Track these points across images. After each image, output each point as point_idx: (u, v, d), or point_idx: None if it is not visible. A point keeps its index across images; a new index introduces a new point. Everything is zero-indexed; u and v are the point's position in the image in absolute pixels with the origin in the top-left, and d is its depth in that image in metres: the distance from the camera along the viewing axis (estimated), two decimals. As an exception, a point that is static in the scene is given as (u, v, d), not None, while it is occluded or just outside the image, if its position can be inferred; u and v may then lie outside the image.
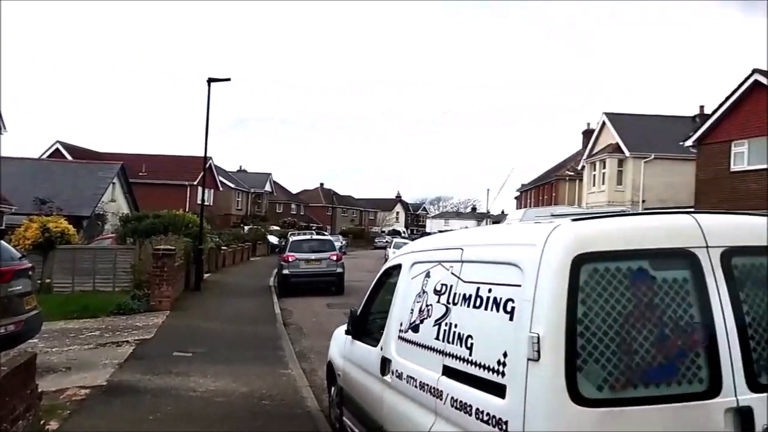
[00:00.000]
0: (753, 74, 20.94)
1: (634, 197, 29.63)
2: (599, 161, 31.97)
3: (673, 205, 25.65)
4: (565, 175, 42.37)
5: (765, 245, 2.81)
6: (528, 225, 3.21)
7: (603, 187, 31.26)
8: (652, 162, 29.51)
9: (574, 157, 43.08)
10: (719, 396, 2.52)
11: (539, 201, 47.16)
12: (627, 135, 30.55)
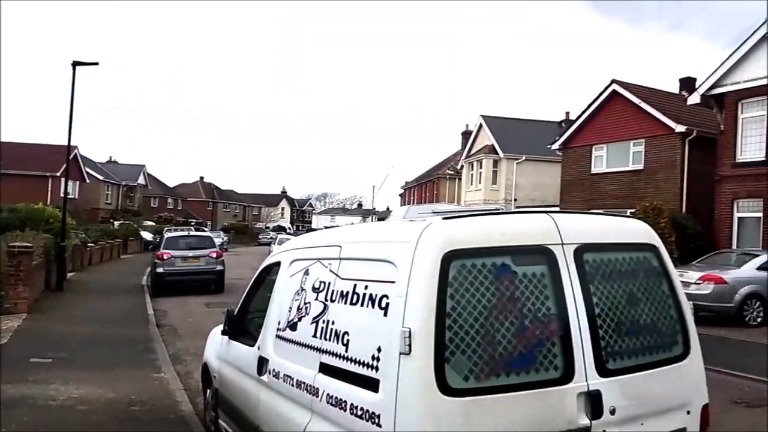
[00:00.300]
0: (612, 84, 23.03)
1: (507, 196, 31.49)
2: (476, 161, 33.62)
3: (542, 204, 27.60)
4: (445, 173, 44.11)
5: (611, 242, 3.11)
6: (402, 223, 3.30)
7: (480, 186, 32.91)
8: (523, 163, 31.53)
9: (454, 156, 44.98)
10: (572, 381, 2.74)
11: (422, 198, 48.68)
12: (501, 137, 32.39)
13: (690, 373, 3.17)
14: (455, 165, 41.64)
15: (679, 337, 3.17)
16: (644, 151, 21.77)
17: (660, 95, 23.06)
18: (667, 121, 20.58)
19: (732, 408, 6.86)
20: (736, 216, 18.14)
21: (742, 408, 6.89)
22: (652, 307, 3.10)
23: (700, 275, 12.78)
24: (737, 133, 18.05)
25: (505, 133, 32.68)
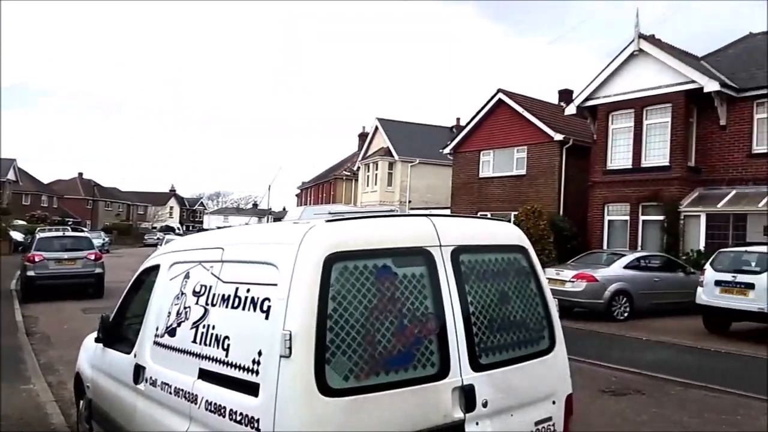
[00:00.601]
0: (498, 93, 24.23)
1: (402, 198, 32.18)
2: (372, 163, 34.08)
3: (435, 205, 28.45)
4: (342, 174, 44.26)
5: (485, 244, 3.29)
6: (286, 225, 3.30)
7: (376, 187, 33.37)
8: (417, 166, 32.38)
9: (351, 158, 45.26)
10: (448, 377, 2.87)
11: (319, 198, 48.51)
12: (396, 140, 33.08)
13: (555, 365, 3.43)
14: (352, 166, 41.93)
15: (546, 332, 3.42)
16: (527, 158, 23.13)
17: (541, 105, 24.60)
18: (547, 129, 22.00)
19: (600, 397, 7.46)
20: (607, 219, 19.76)
21: (609, 396, 7.49)
22: (521, 305, 3.32)
23: (574, 273, 13.76)
24: (608, 143, 19.68)
25: (400, 137, 33.42)
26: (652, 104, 18.47)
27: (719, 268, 11.77)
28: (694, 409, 6.97)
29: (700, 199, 17.62)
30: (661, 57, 18.23)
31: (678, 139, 17.77)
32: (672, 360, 9.57)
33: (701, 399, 7.41)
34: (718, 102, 17.41)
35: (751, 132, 17.19)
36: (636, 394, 7.60)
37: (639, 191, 18.57)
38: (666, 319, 13.59)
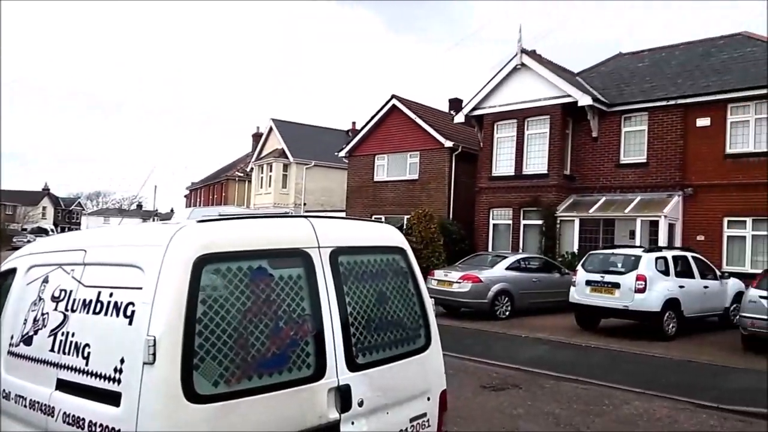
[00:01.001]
0: (392, 99, 24.69)
1: (297, 200, 31.86)
2: (266, 164, 33.45)
3: (330, 208, 28.44)
4: (235, 175, 43.03)
5: (364, 245, 3.34)
6: (154, 226, 3.15)
7: (270, 189, 32.78)
8: (312, 168, 32.22)
9: (244, 158, 44.14)
10: (324, 378, 2.87)
11: (210, 200, 46.83)
12: (291, 142, 32.72)
13: (431, 363, 3.54)
14: (245, 167, 40.90)
15: (422, 330, 3.52)
16: (419, 163, 23.77)
17: (433, 112, 25.40)
18: (438, 136, 22.74)
19: (481, 393, 7.79)
20: (492, 223, 20.74)
21: (490, 392, 7.85)
22: (399, 305, 3.39)
23: (460, 275, 14.30)
24: (493, 151, 20.68)
25: (296, 138, 33.10)
26: (533, 115, 19.67)
27: (589, 269, 12.73)
28: (565, 400, 7.47)
29: (575, 205, 18.98)
30: (541, 71, 19.46)
31: (555, 149, 19.04)
32: (547, 355, 10.21)
33: (572, 391, 7.96)
34: (591, 115, 18.87)
35: (620, 144, 18.78)
36: (514, 388, 8.02)
37: (521, 197, 19.67)
38: (543, 316, 14.48)
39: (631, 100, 18.67)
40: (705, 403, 7.36)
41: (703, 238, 16.72)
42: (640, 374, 8.85)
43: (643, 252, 12.34)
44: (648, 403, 7.41)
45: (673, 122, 17.59)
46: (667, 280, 11.99)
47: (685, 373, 9.04)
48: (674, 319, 11.89)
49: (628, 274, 11.93)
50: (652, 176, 17.94)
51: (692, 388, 8.02)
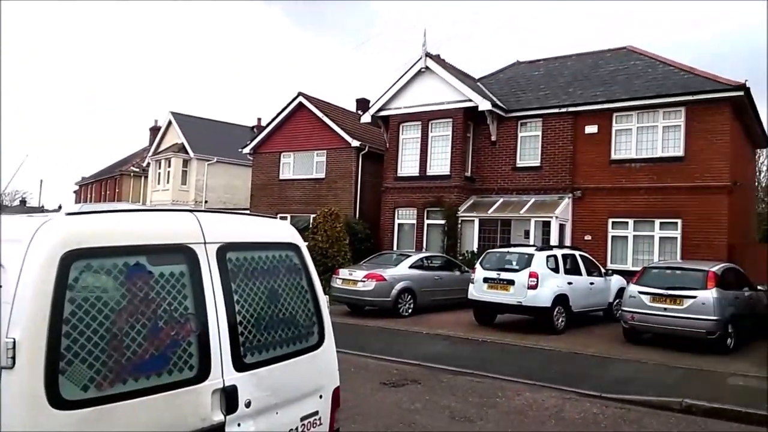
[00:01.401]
0: (298, 96, 24.40)
1: (197, 197, 30.68)
2: (165, 159, 31.97)
3: (233, 206, 27.64)
4: (130, 170, 40.78)
5: (255, 242, 3.24)
6: (18, 219, 2.88)
7: (168, 185, 31.36)
8: (214, 165, 31.17)
9: (141, 153, 41.95)
10: (208, 379, 2.75)
11: (102, 196, 44.10)
12: (192, 136, 31.47)
13: (324, 360, 3.50)
14: (141, 162, 38.87)
15: (315, 328, 3.48)
16: (326, 162, 23.66)
17: (340, 111, 25.38)
18: (344, 135, 22.76)
19: (380, 389, 7.85)
20: (397, 222, 21.04)
21: (389, 388, 7.93)
22: (291, 302, 3.33)
23: (365, 274, 14.38)
24: (399, 151, 20.99)
25: (197, 133, 31.86)
26: (437, 118, 20.17)
27: (487, 266, 13.22)
28: (461, 394, 7.69)
29: (475, 205, 19.66)
30: (444, 76, 19.99)
31: (457, 151, 19.63)
32: (447, 351, 10.48)
33: (468, 384, 8.22)
34: (490, 120, 19.63)
35: (516, 148, 19.67)
36: (413, 384, 8.16)
37: (425, 197, 20.10)
38: (444, 313, 14.87)
39: (527, 106, 19.61)
40: (589, 392, 7.84)
41: (590, 237, 17.87)
42: (531, 366, 9.30)
43: (536, 251, 12.99)
44: (538, 393, 7.79)
45: (565, 129, 18.67)
46: (557, 277, 12.69)
47: (572, 364, 9.60)
48: (563, 313, 12.60)
49: (521, 272, 12.50)
50: (545, 179, 18.93)
51: (578, 379, 8.53)
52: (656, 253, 16.87)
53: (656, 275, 11.50)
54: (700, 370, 9.16)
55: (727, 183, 16.18)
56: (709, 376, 8.79)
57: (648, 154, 17.34)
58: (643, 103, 17.39)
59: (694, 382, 8.37)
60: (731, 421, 6.81)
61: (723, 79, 16.66)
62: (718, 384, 8.33)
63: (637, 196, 17.27)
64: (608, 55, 21.07)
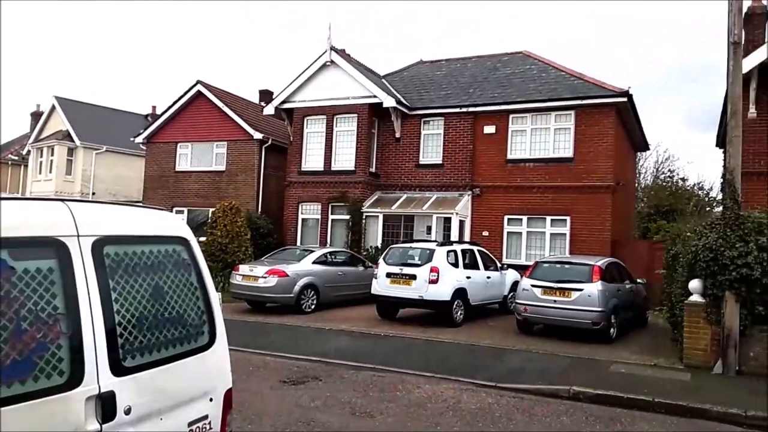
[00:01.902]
0: (197, 84, 23.38)
1: (84, 189, 28.64)
2: (47, 147, 29.54)
3: (124, 199, 26.03)
4: (7, 158, 37.27)
5: (138, 235, 2.98)
6: None
7: (51, 175, 29.04)
8: (103, 154, 29.21)
9: (21, 139, 38.48)
10: (81, 386, 2.49)
11: (-27, 187, 40.00)
12: (79, 123, 29.28)
13: (215, 361, 3.30)
14: (21, 149, 35.65)
15: (206, 327, 3.27)
16: (226, 154, 22.87)
17: (242, 102, 24.62)
18: (246, 127, 22.10)
19: (280, 387, 7.66)
20: (301, 217, 20.75)
21: (289, 386, 7.75)
22: (179, 300, 3.10)
23: (267, 269, 14.03)
24: (303, 145, 20.69)
25: (84, 120, 29.66)
26: (342, 113, 20.08)
27: (390, 262, 13.32)
28: (362, 389, 7.67)
29: (379, 201, 19.79)
30: (349, 70, 19.93)
31: (362, 146, 19.65)
32: (349, 346, 10.44)
33: (369, 379, 8.21)
34: (395, 117, 19.82)
35: (419, 145, 20.01)
36: (314, 381, 8.03)
37: (329, 192, 19.97)
38: (348, 308, 14.84)
39: (430, 105, 19.99)
40: (485, 382, 8.09)
41: (488, 233, 18.54)
42: (431, 359, 9.46)
43: (437, 246, 13.26)
44: (436, 386, 7.93)
45: (465, 128, 19.22)
46: (456, 271, 13.02)
47: (469, 356, 9.87)
48: (462, 307, 12.96)
49: (423, 267, 12.71)
50: (447, 177, 19.41)
51: (475, 370, 8.78)
52: (547, 248, 17.80)
53: (547, 269, 12.10)
54: (586, 359, 9.73)
55: (611, 183, 17.36)
56: (594, 364, 9.36)
57: (541, 155, 18.23)
58: (536, 106, 18.26)
59: (580, 370, 8.88)
60: (614, 406, 7.27)
61: (609, 85, 17.84)
62: (603, 371, 8.89)
63: (531, 194, 18.12)
64: (505, 58, 21.93)
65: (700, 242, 9.16)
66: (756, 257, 8.48)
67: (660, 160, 36.01)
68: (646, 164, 34.98)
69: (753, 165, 14.21)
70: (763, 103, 14.73)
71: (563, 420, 6.69)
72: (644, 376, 8.56)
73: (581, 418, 6.77)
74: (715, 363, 8.91)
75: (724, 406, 6.94)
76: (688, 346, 9.32)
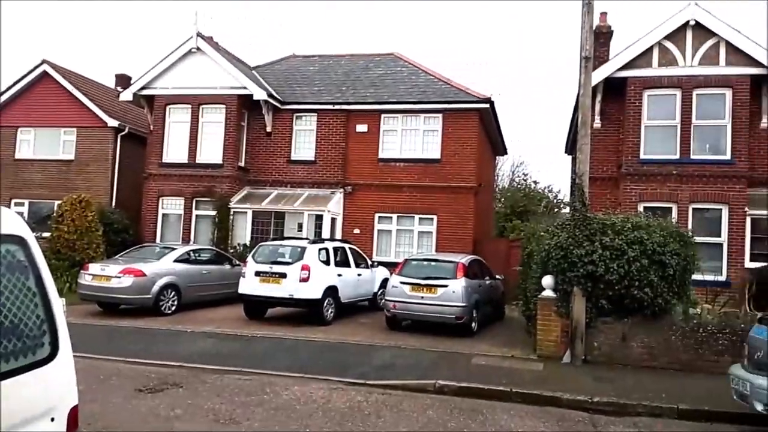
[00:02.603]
0: (42, 64, 21.14)
1: None
2: None
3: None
4: None
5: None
6: None
7: None
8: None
9: None
10: None
11: None
12: None
13: (57, 376, 2.89)
14: None
15: (47, 338, 2.85)
16: (76, 141, 20.91)
17: (95, 86, 22.63)
18: (100, 113, 20.37)
19: (135, 396, 7.07)
20: (162, 212, 19.50)
21: (146, 394, 7.18)
22: (13, 309, 2.67)
23: (121, 269, 12.97)
24: (165, 135, 19.44)
25: None
26: (209, 103, 19.15)
27: (259, 260, 12.91)
28: (226, 394, 7.30)
29: (248, 197, 19.16)
30: (218, 59, 19.06)
31: (231, 139, 18.89)
32: (213, 349, 9.93)
33: (235, 383, 7.85)
34: (266, 110, 19.29)
35: (291, 141, 19.65)
36: (174, 387, 7.51)
37: (194, 186, 18.97)
38: (213, 309, 14.19)
39: (303, 100, 19.72)
40: (355, 380, 8.08)
41: (359, 231, 18.69)
42: (301, 359, 9.28)
43: (308, 244, 13.09)
44: (306, 386, 7.77)
45: (338, 125, 19.21)
46: (328, 269, 12.94)
47: (339, 354, 9.82)
48: (332, 305, 12.91)
49: (294, 265, 12.47)
50: (319, 173, 19.26)
51: (345, 368, 8.74)
52: (415, 246, 18.33)
53: (415, 266, 12.43)
54: (451, 353, 10.10)
55: (474, 184, 18.27)
56: (458, 358, 9.73)
57: (411, 155, 18.72)
58: (407, 107, 18.73)
59: (446, 364, 9.18)
60: (476, 397, 7.59)
61: (473, 92, 18.74)
62: (466, 364, 9.27)
63: (401, 193, 18.55)
64: (377, 58, 22.24)
65: (552, 241, 9.87)
66: (600, 255, 9.31)
67: (515, 164, 38.71)
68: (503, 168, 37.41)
69: (598, 171, 15.71)
70: (607, 114, 16.33)
71: (429, 414, 6.85)
72: (502, 368, 9.06)
73: (446, 411, 6.97)
74: (564, 353, 9.66)
75: (573, 394, 7.52)
76: (541, 338, 10.01)
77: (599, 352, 9.56)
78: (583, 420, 6.90)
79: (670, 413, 7.10)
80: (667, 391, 7.75)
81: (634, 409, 7.17)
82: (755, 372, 6.23)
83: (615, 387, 7.98)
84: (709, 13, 14.96)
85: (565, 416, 7.01)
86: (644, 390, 7.82)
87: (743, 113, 14.80)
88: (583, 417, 7.01)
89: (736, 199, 14.69)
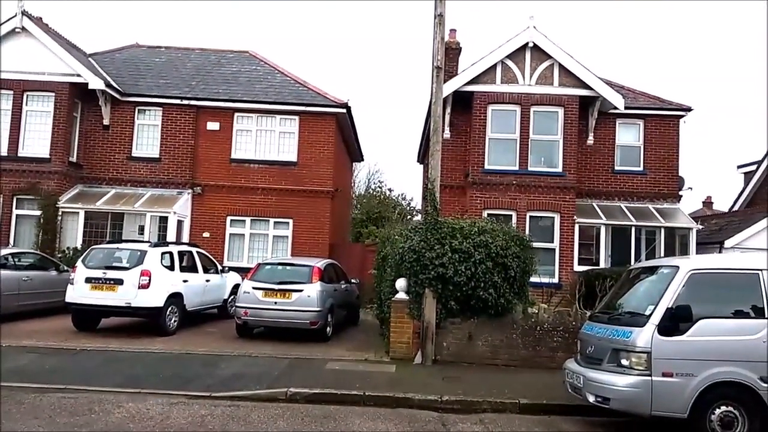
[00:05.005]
0: None
1: None
2: None
3: None
4: None
5: None
6: None
7: None
8: None
9: None
10: None
11: None
12: None
13: None
14: None
15: None
16: None
17: None
18: None
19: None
20: (-27, 211, 16.95)
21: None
22: None
23: None
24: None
25: None
26: (35, 90, 17.06)
27: (91, 265, 11.63)
28: (47, 415, 6.39)
29: (80, 195, 17.32)
30: (47, 42, 17.04)
31: (61, 131, 16.96)
32: (33, 366, 8.70)
33: (57, 402, 6.91)
34: (103, 101, 17.63)
35: (133, 136, 18.14)
36: (-23, 413, 6.40)
37: (14, 182, 16.77)
38: (36, 320, 12.59)
39: (147, 93, 18.31)
40: (198, 393, 7.50)
41: (209, 234, 17.73)
42: (137, 373, 8.44)
43: (150, 247, 12.05)
44: (142, 402, 7.04)
45: (186, 122, 18.09)
46: (172, 275, 12.02)
47: (182, 366, 9.08)
48: (176, 313, 12.00)
49: (132, 270, 11.42)
50: (164, 172, 17.99)
51: (188, 381, 8.09)
52: (270, 251, 17.80)
53: (269, 271, 11.97)
54: (304, 359, 9.81)
55: (331, 189, 18.20)
56: (311, 364, 9.47)
57: (266, 157, 18.18)
58: (262, 107, 18.19)
59: (298, 371, 8.88)
60: (329, 403, 7.38)
61: (331, 96, 18.67)
62: (319, 370, 9.03)
63: (255, 195, 17.92)
64: (231, 55, 21.36)
65: (405, 244, 10.02)
66: (450, 258, 9.61)
67: (371, 172, 39.45)
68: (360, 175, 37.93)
69: (448, 179, 16.39)
70: (456, 126, 17.15)
71: (279, 424, 6.53)
72: (356, 371, 8.97)
73: (297, 420, 6.69)
74: (416, 354, 9.82)
75: (424, 394, 7.61)
76: (394, 340, 10.10)
77: (448, 352, 9.85)
78: (434, 420, 6.99)
79: (512, 408, 7.45)
80: (510, 387, 8.15)
81: (479, 406, 7.43)
82: (587, 366, 6.73)
83: (462, 385, 8.23)
84: (545, 36, 16.32)
85: (417, 417, 7.06)
86: (489, 387, 8.15)
87: (573, 130, 16.33)
88: (434, 417, 7.11)
89: (567, 208, 16.14)
